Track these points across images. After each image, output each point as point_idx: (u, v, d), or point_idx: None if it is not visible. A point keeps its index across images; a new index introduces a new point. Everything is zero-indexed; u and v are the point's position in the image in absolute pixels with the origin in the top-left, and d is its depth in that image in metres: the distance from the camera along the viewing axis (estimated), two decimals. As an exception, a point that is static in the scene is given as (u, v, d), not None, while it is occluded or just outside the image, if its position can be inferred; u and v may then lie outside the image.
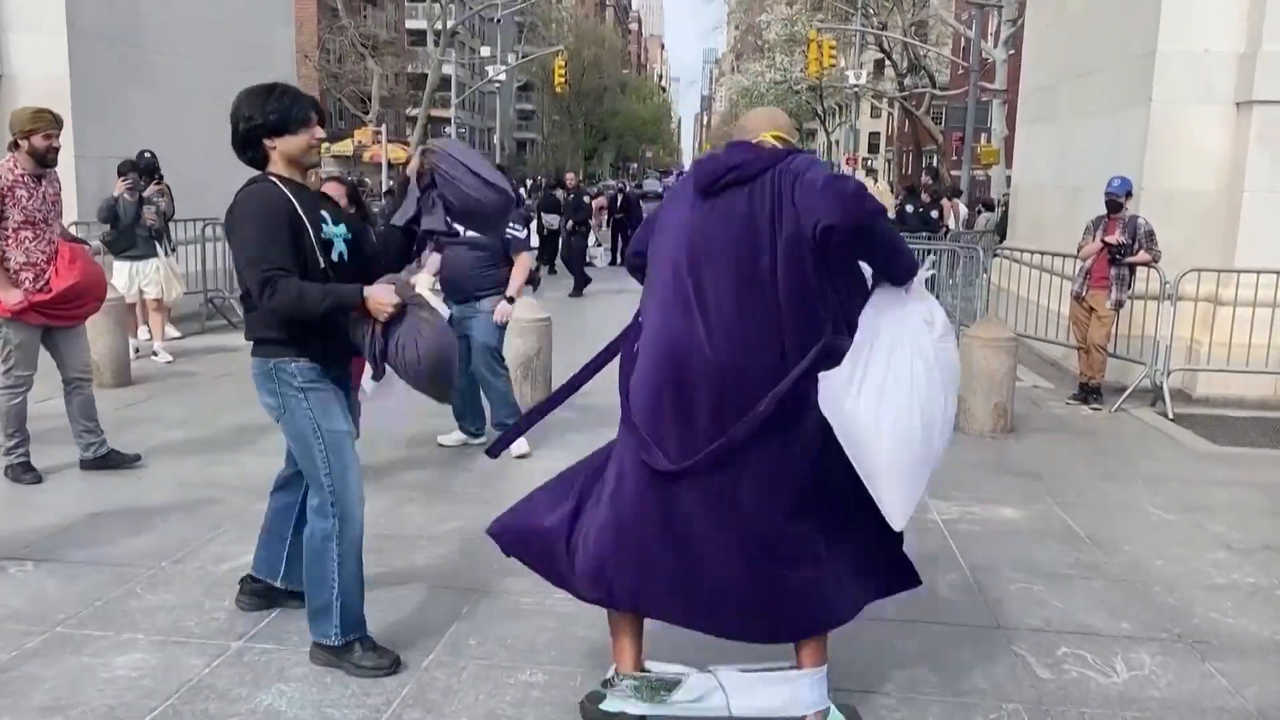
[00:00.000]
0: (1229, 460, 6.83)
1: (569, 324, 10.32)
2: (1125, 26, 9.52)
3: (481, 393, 6.44)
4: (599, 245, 21.51)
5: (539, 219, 18.04)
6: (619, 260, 20.02)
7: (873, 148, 63.09)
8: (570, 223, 17.09)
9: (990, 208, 20.58)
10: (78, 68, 9.79)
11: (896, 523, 2.88)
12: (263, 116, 3.32)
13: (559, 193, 18.99)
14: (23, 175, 5.30)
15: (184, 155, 10.55)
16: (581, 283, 15.74)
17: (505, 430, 3.64)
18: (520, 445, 6.09)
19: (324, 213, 3.41)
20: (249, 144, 3.37)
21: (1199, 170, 8.93)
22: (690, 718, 3.04)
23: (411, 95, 47.07)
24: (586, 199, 18.81)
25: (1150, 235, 8.11)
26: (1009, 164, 16.10)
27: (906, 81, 36.56)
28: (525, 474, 5.42)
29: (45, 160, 5.35)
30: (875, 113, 58.98)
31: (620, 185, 25.95)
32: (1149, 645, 3.89)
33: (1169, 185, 8.94)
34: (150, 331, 9.49)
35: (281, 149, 3.35)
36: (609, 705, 3.10)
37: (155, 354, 9.14)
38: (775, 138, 3.03)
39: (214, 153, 12.35)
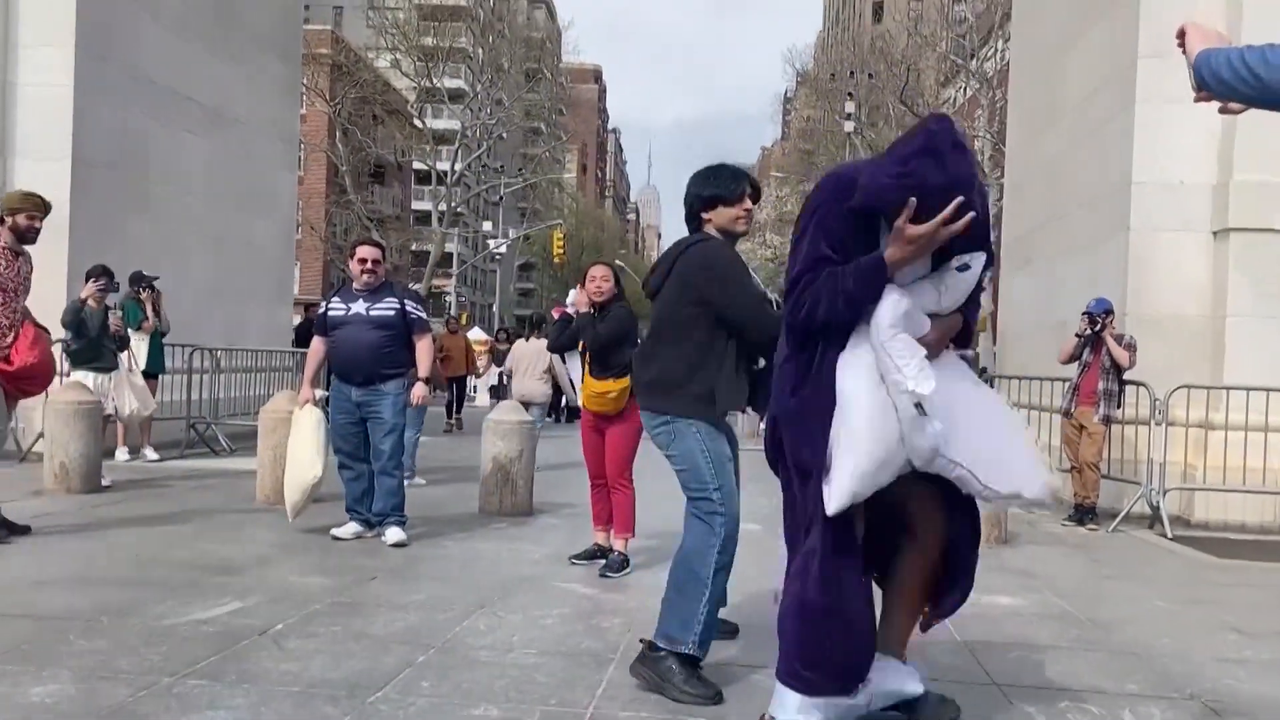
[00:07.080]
0: (1233, 569, 6.55)
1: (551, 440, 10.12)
2: (1100, 163, 9.80)
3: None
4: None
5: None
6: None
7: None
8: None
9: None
10: (78, 192, 9.96)
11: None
12: (700, 191, 3.74)
13: None
14: (3, 248, 5.65)
15: (180, 284, 10.66)
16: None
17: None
18: (396, 534, 5.99)
19: None
20: (692, 217, 3.78)
21: (1181, 296, 8.99)
22: None
23: (414, 271, 48.12)
24: None
25: (1130, 345, 8.06)
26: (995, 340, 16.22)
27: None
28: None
29: (24, 238, 5.73)
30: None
31: None
32: (1159, 702, 3.60)
33: (1152, 311, 8.98)
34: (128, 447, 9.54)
35: (715, 220, 3.73)
36: None
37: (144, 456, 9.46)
38: None
39: (209, 285, 12.69)
